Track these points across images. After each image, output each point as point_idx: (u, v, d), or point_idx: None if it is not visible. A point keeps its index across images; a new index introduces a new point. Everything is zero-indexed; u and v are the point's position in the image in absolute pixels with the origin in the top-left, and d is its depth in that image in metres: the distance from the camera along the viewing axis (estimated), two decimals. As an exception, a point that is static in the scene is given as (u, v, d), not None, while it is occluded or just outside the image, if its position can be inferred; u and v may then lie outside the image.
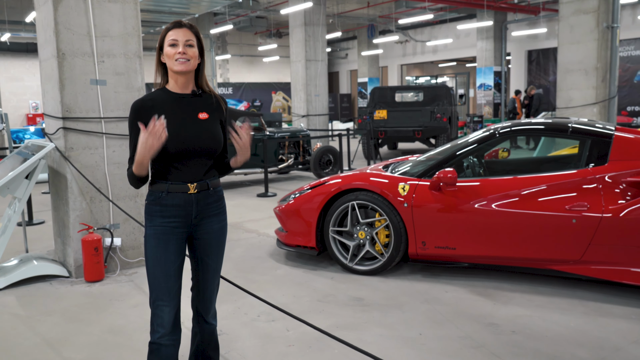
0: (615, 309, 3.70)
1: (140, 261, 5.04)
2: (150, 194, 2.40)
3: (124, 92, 4.86)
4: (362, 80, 25.58)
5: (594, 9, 9.03)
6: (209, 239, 2.49)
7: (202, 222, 2.46)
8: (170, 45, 2.33)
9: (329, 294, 4.18)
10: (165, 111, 2.34)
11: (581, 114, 9.30)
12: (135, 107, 2.34)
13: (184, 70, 2.34)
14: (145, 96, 2.37)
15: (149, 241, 2.39)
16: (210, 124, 2.41)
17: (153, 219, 2.38)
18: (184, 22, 2.38)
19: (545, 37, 19.42)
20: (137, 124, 2.27)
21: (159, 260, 2.37)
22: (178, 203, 2.37)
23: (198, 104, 2.42)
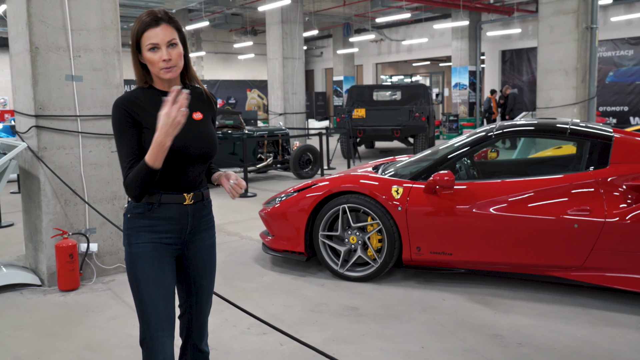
0: (621, 318, 3.59)
1: (119, 268, 4.76)
2: (135, 206, 2.04)
3: (102, 88, 4.57)
4: (338, 78, 25.42)
5: (574, 10, 9.03)
6: (201, 257, 2.18)
7: (194, 239, 2.15)
8: (150, 50, 1.97)
9: (321, 303, 3.98)
10: (157, 111, 1.93)
11: (561, 114, 9.29)
12: (121, 103, 2.00)
13: (173, 78, 2.03)
14: (129, 93, 2.04)
15: (138, 262, 2.03)
16: (205, 125, 2.11)
17: (140, 235, 2.03)
18: (160, 15, 1.99)
19: (519, 38, 19.55)
20: (128, 119, 1.98)
21: (157, 281, 2.02)
22: (172, 216, 2.05)
23: (191, 103, 2.06)
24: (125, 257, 2.10)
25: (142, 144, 1.98)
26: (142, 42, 1.99)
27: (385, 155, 14.20)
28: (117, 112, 2.00)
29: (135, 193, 1.95)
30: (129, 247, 2.05)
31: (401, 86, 14.43)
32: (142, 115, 2.00)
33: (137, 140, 1.99)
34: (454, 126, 19.46)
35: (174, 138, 1.93)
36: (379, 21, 20.37)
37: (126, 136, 1.99)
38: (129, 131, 1.99)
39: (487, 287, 4.22)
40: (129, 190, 1.95)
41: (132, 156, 1.97)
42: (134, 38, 2.00)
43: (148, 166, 1.88)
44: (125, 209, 2.15)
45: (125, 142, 1.99)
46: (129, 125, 1.99)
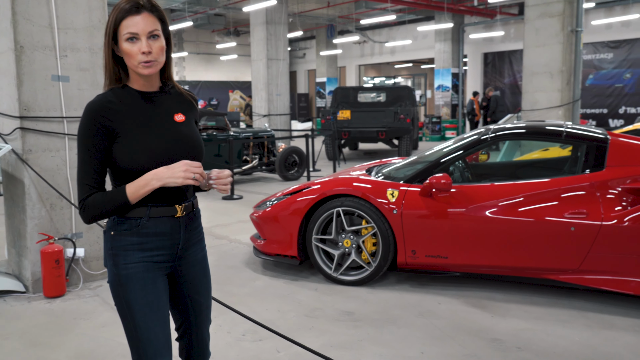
0: (617, 321, 3.59)
1: (106, 273, 4.64)
2: (119, 222, 1.80)
3: (89, 89, 4.45)
4: (321, 80, 25.39)
5: (560, 13, 9.10)
6: (195, 272, 1.98)
7: (186, 254, 1.94)
8: (128, 40, 1.74)
9: (316, 308, 3.92)
10: (135, 115, 1.80)
11: (546, 116, 9.36)
12: (93, 110, 1.75)
13: (152, 74, 1.80)
14: (102, 96, 1.79)
15: (129, 286, 1.80)
16: (188, 127, 1.90)
17: (128, 254, 1.80)
18: (142, 3, 1.77)
19: (501, 41, 19.71)
20: (100, 129, 1.74)
21: (152, 305, 1.82)
22: (164, 230, 1.84)
23: (171, 104, 1.90)
24: (110, 280, 1.85)
25: (115, 157, 1.78)
26: (119, 31, 1.75)
27: (370, 157, 14.19)
28: (87, 121, 1.75)
29: (91, 219, 1.77)
30: (115, 269, 1.81)
31: (386, 88, 14.44)
32: (117, 121, 1.77)
33: (103, 155, 1.77)
34: (437, 128, 19.54)
35: (160, 143, 1.81)
36: (363, 23, 20.36)
37: (93, 150, 1.75)
38: (97, 144, 1.75)
39: (481, 290, 4.20)
40: (86, 214, 1.75)
41: (93, 174, 1.76)
42: (111, 27, 1.76)
43: (127, 199, 1.74)
44: (105, 225, 1.86)
45: (90, 156, 1.76)
46: (100, 136, 1.75)
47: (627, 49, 16.71)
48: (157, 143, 1.80)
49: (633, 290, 3.63)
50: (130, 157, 1.76)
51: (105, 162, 1.79)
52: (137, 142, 1.77)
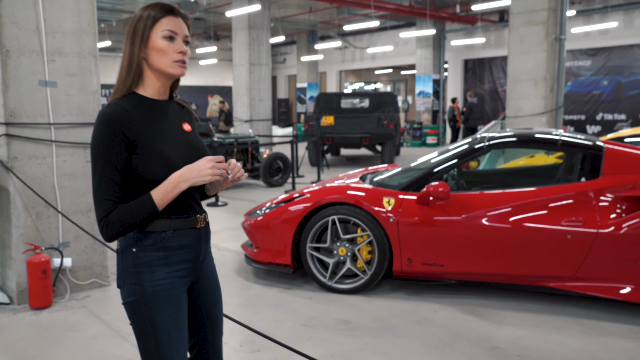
0: (612, 327, 3.60)
1: (93, 283, 4.53)
2: (142, 237, 1.73)
3: (77, 95, 4.35)
4: (301, 85, 25.35)
5: (544, 21, 9.21)
6: (209, 284, 1.94)
7: (203, 266, 1.90)
8: (165, 38, 1.72)
9: (312, 317, 3.87)
10: (153, 124, 1.75)
11: (530, 122, 9.45)
12: (113, 119, 1.67)
13: (182, 75, 1.78)
14: (117, 105, 1.71)
15: (155, 304, 1.72)
16: (195, 136, 1.89)
17: (155, 271, 1.73)
18: (178, 8, 1.77)
19: (482, 47, 19.92)
20: (121, 140, 1.67)
21: (176, 324, 1.76)
22: (187, 243, 1.79)
23: (178, 113, 1.88)
24: (129, 300, 1.75)
25: (135, 169, 1.70)
26: (155, 28, 1.72)
27: (352, 163, 14.19)
28: (106, 131, 1.67)
29: (116, 235, 1.66)
30: (141, 287, 1.72)
31: (369, 94, 14.46)
32: (136, 130, 1.70)
33: (124, 168, 1.69)
34: (418, 134, 19.65)
35: (179, 152, 1.77)
36: (347, 28, 20.40)
37: (114, 162, 1.67)
38: (119, 155, 1.67)
39: (476, 297, 4.19)
40: (110, 230, 1.65)
41: (116, 188, 1.67)
42: (147, 24, 1.72)
43: (155, 207, 1.66)
44: (121, 242, 1.76)
45: (112, 169, 1.66)
46: (121, 147, 1.68)
47: (605, 56, 17.02)
48: (174, 152, 1.75)
49: (628, 297, 3.65)
50: (148, 168, 1.70)
51: (125, 174, 1.71)
52: (155, 152, 1.71)
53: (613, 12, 16.34)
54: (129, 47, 1.74)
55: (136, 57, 1.74)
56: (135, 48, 1.73)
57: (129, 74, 1.75)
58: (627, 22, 16.51)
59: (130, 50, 1.74)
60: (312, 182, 10.32)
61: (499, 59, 19.55)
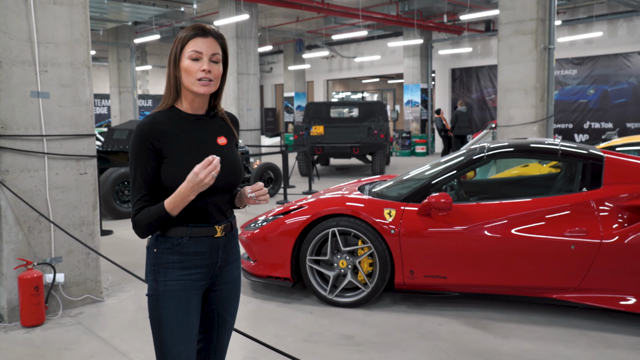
0: (618, 339, 3.57)
1: (86, 299, 4.41)
2: (162, 241, 1.91)
3: (70, 106, 4.25)
4: (289, 94, 25.32)
5: (533, 31, 9.27)
6: (227, 289, 2.05)
7: (223, 271, 2.01)
8: (191, 59, 1.87)
9: (314, 332, 3.79)
10: (182, 136, 1.90)
11: (522, 132, 9.48)
12: (144, 131, 1.86)
13: (206, 93, 1.89)
14: (152, 117, 1.89)
15: (164, 301, 1.89)
16: (230, 150, 1.99)
17: (168, 272, 1.89)
18: (209, 29, 1.91)
19: (468, 57, 20.06)
20: (150, 150, 1.85)
21: (181, 324, 1.90)
22: (203, 250, 1.92)
23: (215, 127, 1.99)
24: (148, 293, 1.95)
25: (161, 176, 1.88)
26: (184, 50, 1.88)
27: (343, 173, 14.15)
28: (138, 142, 1.86)
29: (143, 233, 1.87)
30: (155, 284, 1.91)
31: (358, 103, 14.45)
32: (166, 143, 1.87)
33: (153, 174, 1.87)
34: (407, 143, 19.68)
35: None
36: (335, 38, 20.43)
37: (142, 169, 1.86)
38: (147, 164, 1.86)
39: (479, 310, 4.14)
40: (138, 229, 1.87)
41: (144, 192, 1.87)
42: (178, 47, 1.88)
43: (166, 213, 1.82)
44: (149, 241, 1.96)
45: (139, 174, 1.87)
46: (149, 157, 1.86)
47: (590, 65, 17.22)
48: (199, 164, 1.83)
49: (633, 309, 3.62)
50: (174, 178, 1.83)
51: (155, 181, 1.87)
52: (182, 164, 1.84)
53: (597, 22, 16.55)
54: (168, 68, 1.92)
55: (172, 76, 1.91)
56: (171, 68, 1.90)
57: (168, 91, 1.93)
58: (612, 32, 16.74)
59: (168, 70, 1.92)
60: (304, 193, 10.25)
61: (486, 68, 19.70)
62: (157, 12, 14.61)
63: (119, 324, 3.99)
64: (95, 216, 4.46)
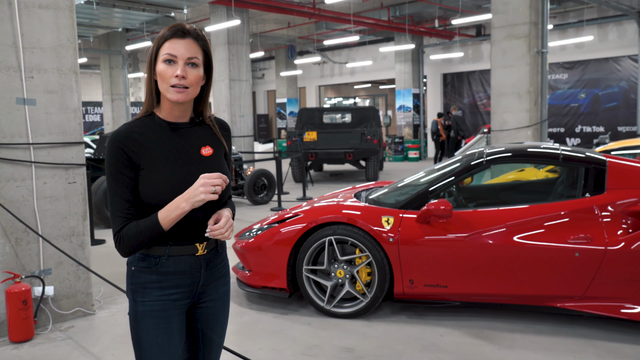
0: (627, 349, 3.47)
1: (77, 312, 4.26)
2: (140, 258, 1.78)
3: (57, 113, 4.12)
4: (281, 100, 25.22)
5: (525, 34, 9.23)
6: (213, 307, 1.91)
7: (208, 289, 1.88)
8: (165, 62, 1.70)
9: (313, 345, 3.66)
10: (161, 146, 1.75)
11: (516, 136, 9.42)
12: (117, 140, 1.71)
13: (180, 101, 1.73)
14: (127, 126, 1.75)
15: (142, 323, 1.78)
16: (216, 161, 1.84)
17: (147, 292, 1.77)
18: (188, 29, 1.74)
19: (459, 62, 20.05)
20: (125, 161, 1.71)
21: (161, 347, 1.78)
22: (183, 270, 1.79)
23: (199, 136, 1.84)
24: (129, 312, 1.86)
25: (139, 188, 1.75)
26: (160, 51, 1.72)
27: (336, 179, 14.05)
28: (111, 151, 1.73)
29: (128, 251, 1.73)
30: (134, 304, 1.81)
31: (351, 109, 14.37)
32: (141, 153, 1.74)
33: (132, 186, 1.74)
34: (400, 148, 19.62)
35: (183, 179, 1.72)
36: (327, 43, 20.36)
37: (120, 181, 1.72)
38: (124, 175, 1.72)
39: (481, 319, 4.03)
40: (123, 245, 1.72)
41: (125, 205, 1.72)
42: (154, 50, 1.74)
43: (160, 227, 1.69)
44: (128, 258, 1.84)
45: (119, 188, 1.73)
46: (125, 167, 1.72)
47: (581, 69, 17.25)
48: (180, 177, 1.74)
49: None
50: (152, 191, 1.72)
51: (134, 194, 1.74)
52: (160, 176, 1.73)
53: (588, 26, 16.58)
54: (147, 71, 1.77)
55: (151, 80, 1.76)
56: (149, 71, 1.76)
57: (148, 97, 1.79)
58: (602, 36, 16.78)
59: (147, 73, 1.77)
60: (298, 199, 10.13)
61: (477, 72, 19.70)
62: (148, 18, 14.46)
63: (111, 339, 3.85)
64: (85, 226, 4.33)
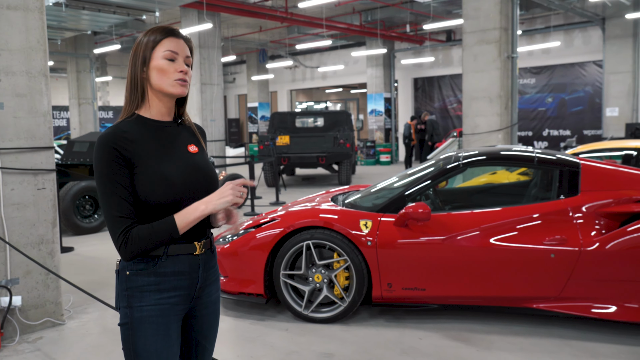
0: (601, 348, 3.52)
1: (46, 323, 4.13)
2: (135, 261, 1.72)
3: (26, 117, 4.00)
4: (252, 105, 25.09)
5: (496, 40, 9.37)
6: (207, 314, 1.88)
7: (203, 294, 1.85)
8: (166, 59, 1.75)
9: (292, 351, 3.62)
10: (150, 143, 1.75)
11: (487, 140, 9.55)
12: (108, 140, 1.68)
13: (183, 94, 1.78)
14: (115, 127, 1.73)
15: (140, 329, 1.70)
16: (202, 158, 1.86)
17: (144, 296, 1.71)
18: (179, 31, 1.80)
19: (430, 66, 20.28)
20: (119, 160, 1.67)
21: (160, 354, 1.71)
22: (182, 270, 1.75)
23: (184, 135, 1.86)
24: (121, 322, 1.76)
25: (136, 187, 1.71)
26: (157, 49, 1.75)
27: (309, 183, 14.02)
28: (104, 153, 1.67)
29: (137, 253, 1.67)
30: (130, 311, 1.72)
31: (324, 113, 14.38)
32: (134, 151, 1.71)
33: (129, 184, 1.70)
34: (371, 152, 19.72)
35: (178, 175, 1.72)
36: (297, 48, 20.37)
37: (117, 181, 1.67)
38: (121, 175, 1.68)
39: (459, 322, 4.05)
40: (130, 248, 1.66)
41: (126, 206, 1.68)
42: (147, 50, 1.75)
43: (176, 230, 1.68)
44: (119, 264, 1.77)
45: (117, 189, 1.67)
46: (121, 166, 1.68)
47: (548, 74, 17.62)
48: (174, 174, 1.73)
49: (614, 317, 3.59)
50: (148, 189, 1.69)
51: (133, 191, 1.69)
52: (155, 173, 1.70)
53: (554, 32, 16.96)
54: (131, 69, 1.77)
55: (138, 78, 1.76)
56: (137, 69, 1.75)
57: (132, 95, 1.77)
58: (568, 42, 17.17)
59: (132, 71, 1.76)
60: (271, 204, 10.07)
61: (448, 77, 19.95)
62: (118, 21, 14.24)
63: (82, 349, 3.74)
64: (55, 234, 4.20)
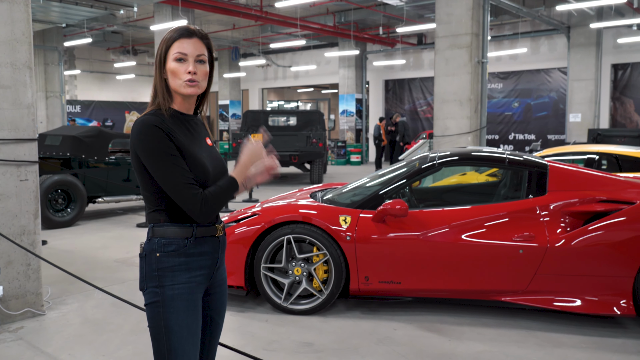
0: (564, 339, 3.75)
1: (27, 313, 4.16)
2: (165, 243, 1.83)
3: (10, 109, 4.02)
4: (223, 102, 25.02)
5: (467, 45, 9.65)
6: (220, 292, 2.02)
7: (217, 273, 1.99)
8: (176, 60, 1.84)
9: (273, 341, 3.75)
10: (186, 135, 1.88)
11: (457, 142, 9.82)
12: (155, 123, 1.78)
13: (194, 94, 1.88)
14: (154, 113, 1.84)
15: (172, 306, 1.82)
16: (216, 150, 2.02)
17: (176, 275, 1.83)
18: (193, 29, 1.88)
19: (401, 69, 20.61)
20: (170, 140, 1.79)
21: (190, 328, 1.84)
22: (207, 250, 1.90)
23: (202, 128, 2.00)
24: (149, 302, 1.85)
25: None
26: (169, 52, 1.85)
27: (281, 181, 14.13)
28: (153, 132, 1.77)
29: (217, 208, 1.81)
30: (161, 290, 1.82)
31: (296, 112, 14.50)
32: (176, 137, 1.82)
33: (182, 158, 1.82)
34: (342, 152, 19.93)
35: (205, 163, 1.87)
36: (270, 47, 20.43)
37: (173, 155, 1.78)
38: (175, 150, 1.79)
39: (432, 314, 4.24)
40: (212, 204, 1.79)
41: (189, 174, 1.79)
42: (163, 49, 1.87)
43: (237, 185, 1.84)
44: (145, 247, 1.86)
45: (176, 161, 1.78)
46: (172, 144, 1.79)
47: (515, 79, 18.12)
48: (207, 161, 1.88)
49: (578, 309, 3.82)
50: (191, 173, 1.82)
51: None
52: (196, 160, 1.83)
53: (522, 39, 17.45)
54: (155, 71, 1.89)
55: (159, 79, 1.87)
56: (157, 71, 1.88)
57: (161, 95, 1.87)
58: (534, 49, 17.70)
59: (155, 73, 1.89)
60: (244, 201, 10.15)
61: (418, 80, 20.31)
62: (90, 15, 14.07)
63: (64, 339, 3.79)
64: (37, 225, 4.24)
